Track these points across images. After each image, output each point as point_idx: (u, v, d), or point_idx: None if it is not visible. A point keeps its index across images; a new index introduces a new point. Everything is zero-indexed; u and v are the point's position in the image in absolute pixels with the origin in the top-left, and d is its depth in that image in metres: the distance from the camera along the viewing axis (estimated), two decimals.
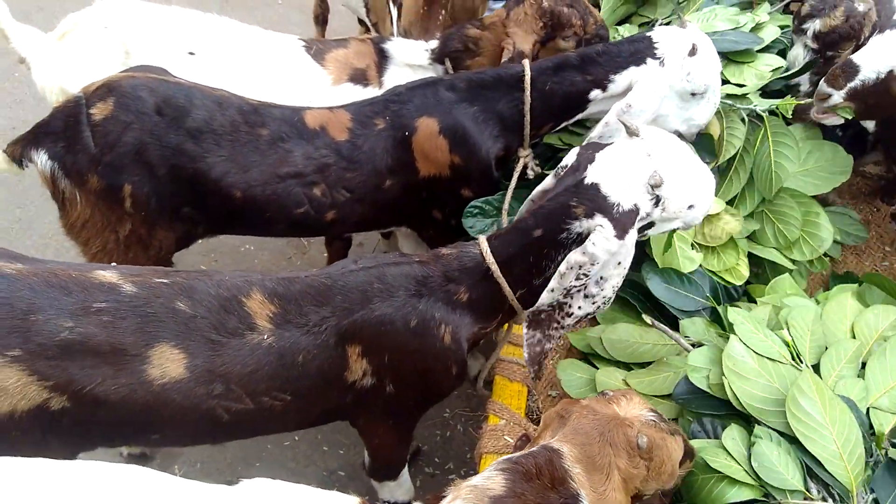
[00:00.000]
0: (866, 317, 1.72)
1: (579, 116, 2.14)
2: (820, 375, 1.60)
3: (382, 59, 2.31)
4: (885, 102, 2.07)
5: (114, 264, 1.55)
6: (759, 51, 2.42)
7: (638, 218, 1.55)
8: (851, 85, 2.05)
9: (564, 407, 1.38)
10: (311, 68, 2.28)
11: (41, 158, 1.84)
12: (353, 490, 1.39)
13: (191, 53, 2.24)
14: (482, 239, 1.63)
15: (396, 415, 1.69)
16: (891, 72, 2.03)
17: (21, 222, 3.32)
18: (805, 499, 1.41)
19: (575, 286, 1.56)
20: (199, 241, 2.15)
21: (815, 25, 2.31)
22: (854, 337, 1.69)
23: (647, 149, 1.57)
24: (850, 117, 2.09)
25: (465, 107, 2.07)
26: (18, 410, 1.34)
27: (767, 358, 1.61)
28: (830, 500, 1.41)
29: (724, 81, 2.44)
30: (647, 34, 2.03)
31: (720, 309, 1.85)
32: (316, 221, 2.03)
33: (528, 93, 2.04)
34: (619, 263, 1.56)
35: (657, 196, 1.55)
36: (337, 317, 1.51)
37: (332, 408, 1.62)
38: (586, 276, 1.54)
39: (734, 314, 1.70)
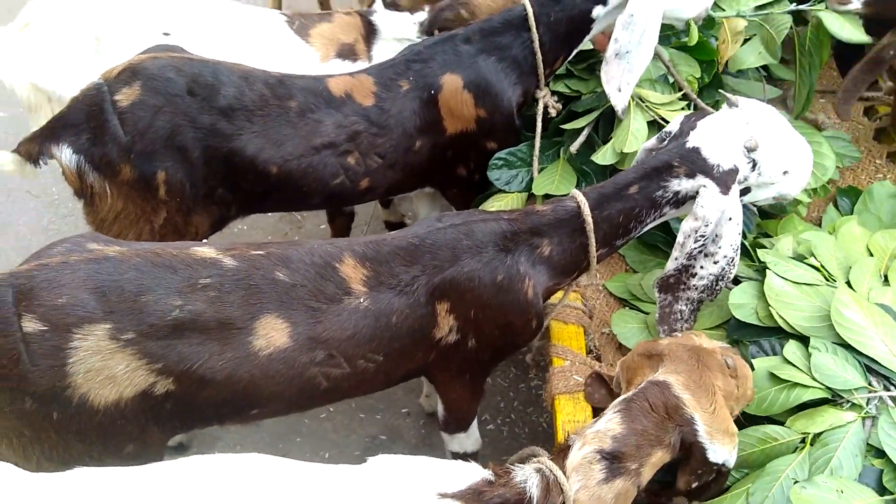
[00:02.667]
0: (876, 239, 1.86)
1: (587, 39, 2.15)
2: (853, 290, 1.73)
3: (370, 32, 2.29)
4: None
5: (206, 241, 1.52)
6: None
7: (737, 179, 1.66)
8: None
9: (646, 348, 1.45)
10: (296, 45, 2.23)
11: (65, 153, 1.75)
12: (398, 451, 1.44)
13: (165, 34, 2.15)
14: (578, 193, 1.68)
15: (474, 369, 1.73)
16: None
17: None
18: (869, 393, 1.53)
19: (695, 247, 1.67)
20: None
21: None
22: (872, 255, 1.82)
23: (746, 117, 1.69)
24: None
25: (484, 58, 2.07)
26: (124, 398, 1.33)
27: (805, 284, 1.74)
28: (893, 389, 1.54)
29: None
30: None
31: (745, 243, 1.95)
32: (351, 191, 2.01)
33: (534, 30, 2.05)
34: (731, 219, 1.66)
35: (753, 160, 1.67)
36: (427, 275, 1.53)
37: (417, 366, 1.65)
38: (704, 237, 1.66)
39: (764, 254, 1.82)
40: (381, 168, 2.03)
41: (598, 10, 2.05)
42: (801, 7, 2.22)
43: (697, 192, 1.67)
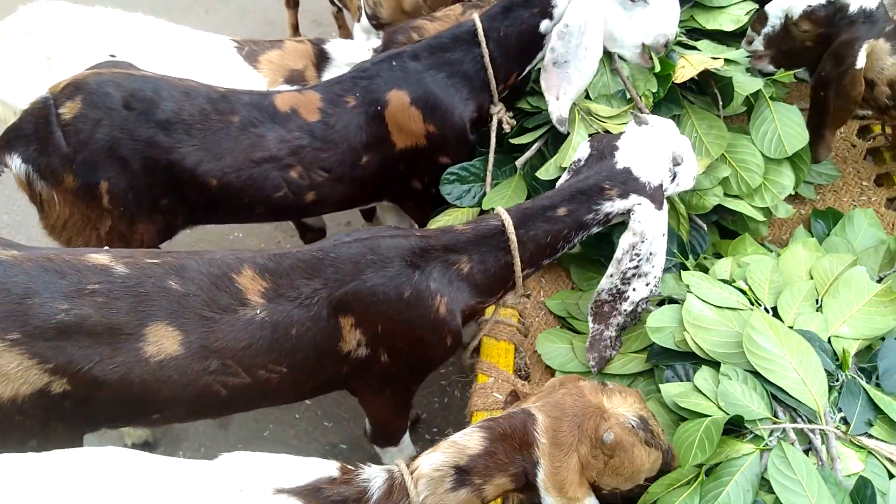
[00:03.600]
0: (822, 262, 1.78)
1: (540, 55, 2.12)
2: (779, 315, 1.68)
3: (322, 59, 2.33)
4: (793, 48, 2.16)
5: (106, 248, 1.59)
6: None
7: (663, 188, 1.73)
8: (764, 31, 2.16)
9: (564, 381, 1.43)
10: (243, 71, 2.29)
11: (15, 162, 1.86)
12: (355, 460, 1.44)
13: (111, 56, 2.21)
14: (502, 210, 1.69)
15: (393, 384, 1.74)
16: (787, 16, 2.12)
17: (9, 227, 3.35)
18: (774, 423, 1.47)
19: (630, 267, 1.71)
20: (186, 231, 2.18)
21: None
22: (812, 279, 1.75)
23: (659, 133, 1.75)
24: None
25: (433, 74, 2.09)
26: (21, 395, 1.40)
27: (727, 308, 1.69)
28: (799, 421, 1.47)
29: (697, 30, 2.46)
30: None
31: (687, 264, 1.90)
32: (296, 203, 2.06)
33: (484, 45, 2.05)
34: (664, 235, 1.72)
35: (675, 173, 1.77)
36: (328, 288, 1.56)
37: (329, 378, 1.68)
38: (638, 255, 1.70)
39: (687, 276, 1.79)
40: (328, 182, 2.07)
41: (545, 25, 2.03)
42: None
43: (629, 211, 1.69)
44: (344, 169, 2.07)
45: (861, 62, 2.02)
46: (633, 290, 1.75)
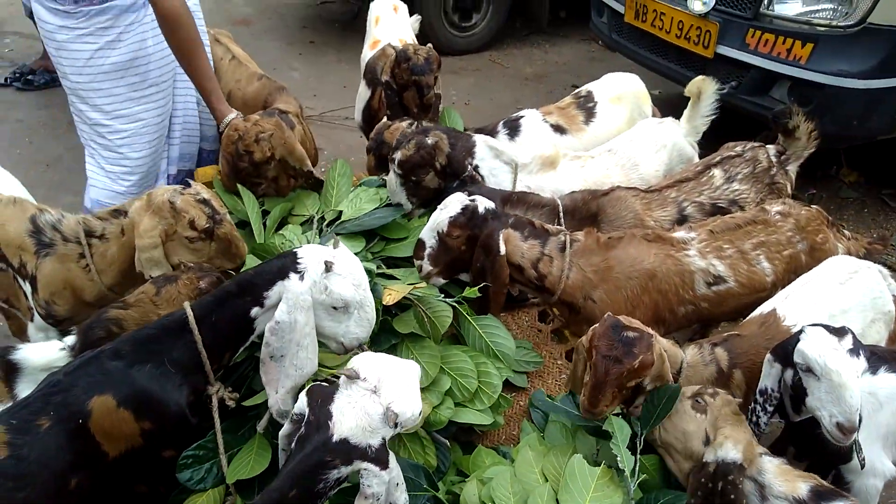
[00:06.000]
0: (550, 459, 1.97)
1: (254, 336, 2.17)
2: None
3: (11, 371, 2.13)
4: (454, 257, 2.55)
5: None
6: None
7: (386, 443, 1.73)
8: (426, 253, 2.56)
9: None
10: None
11: None
12: None
13: None
14: None
15: None
16: (439, 232, 2.54)
17: None
18: None
19: None
20: None
21: (397, 156, 2.90)
22: (546, 481, 1.91)
23: (371, 387, 1.74)
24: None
25: (139, 369, 1.99)
26: None
27: None
28: None
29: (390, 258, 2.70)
30: (295, 250, 2.17)
31: (439, 496, 1.97)
32: None
33: (196, 332, 2.03)
34: (398, 484, 1.74)
35: (396, 423, 1.75)
36: None
37: None
38: None
39: None
40: None
41: (255, 311, 2.09)
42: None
43: (359, 472, 1.69)
44: (50, 500, 1.82)
45: (502, 248, 2.47)
46: None
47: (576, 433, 2.20)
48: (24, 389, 2.13)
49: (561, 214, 2.88)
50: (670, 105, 4.24)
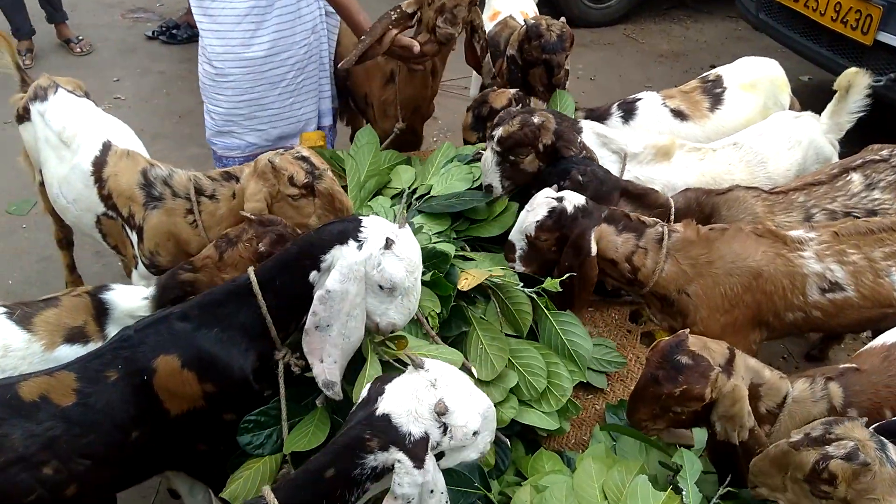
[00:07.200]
0: (612, 476, 1.81)
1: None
2: None
3: (101, 311, 2.20)
4: (545, 259, 2.46)
5: None
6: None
7: (429, 447, 1.59)
8: (517, 255, 2.48)
9: None
10: (17, 337, 2.10)
11: None
12: None
13: None
14: (268, 491, 1.56)
15: None
16: (527, 236, 2.43)
17: None
18: None
19: None
20: None
21: (498, 132, 2.72)
22: (606, 498, 1.76)
23: (432, 379, 1.66)
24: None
25: (205, 332, 2.00)
26: None
27: None
28: None
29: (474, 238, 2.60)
30: (360, 216, 2.08)
31: (491, 496, 1.87)
32: (52, 502, 1.81)
33: (260, 297, 2.01)
34: (432, 492, 1.58)
35: (444, 424, 1.62)
36: None
37: None
38: None
39: None
40: (91, 469, 1.85)
41: (313, 275, 2.03)
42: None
43: (391, 469, 1.58)
44: (110, 451, 1.87)
45: (594, 249, 2.33)
46: None
47: (649, 451, 2.03)
48: (113, 329, 2.21)
49: (672, 217, 2.66)
50: (822, 93, 3.79)
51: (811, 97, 3.59)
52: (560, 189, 2.51)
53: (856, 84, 3.13)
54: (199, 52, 3.37)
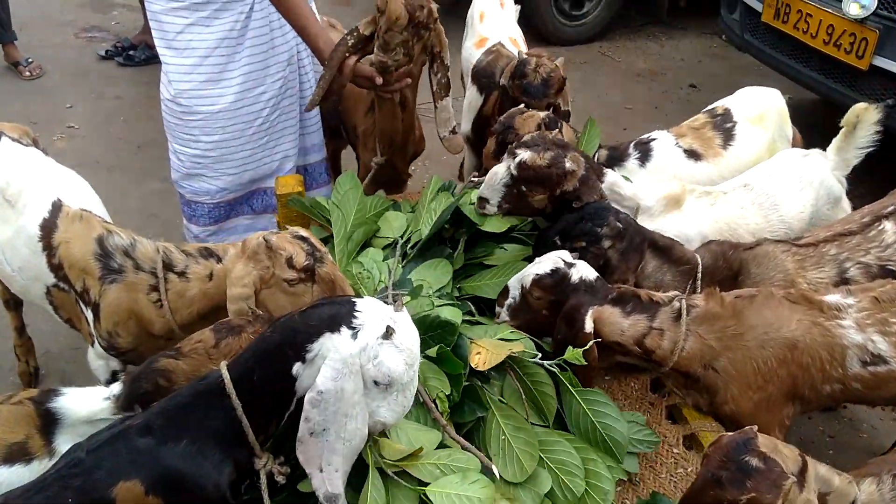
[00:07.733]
0: None
1: (296, 399, 1.77)
2: None
3: (49, 421, 1.87)
4: (533, 318, 2.27)
5: None
6: None
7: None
8: (507, 303, 2.30)
9: None
10: None
11: None
12: None
13: None
14: None
15: None
16: (523, 286, 2.24)
17: None
18: None
19: None
20: None
21: (523, 155, 2.45)
22: None
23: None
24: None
25: (171, 446, 1.69)
26: None
27: None
28: None
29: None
30: (353, 298, 1.80)
31: None
32: None
33: (234, 397, 1.71)
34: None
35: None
36: None
37: None
38: None
39: None
40: None
41: (297, 367, 1.72)
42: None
43: None
44: None
45: (589, 327, 2.09)
46: None
47: None
48: (65, 443, 1.88)
49: (699, 275, 2.43)
50: (801, 113, 3.63)
51: (791, 117, 3.40)
52: (592, 239, 2.35)
53: (864, 120, 2.96)
54: (162, 86, 3.06)
